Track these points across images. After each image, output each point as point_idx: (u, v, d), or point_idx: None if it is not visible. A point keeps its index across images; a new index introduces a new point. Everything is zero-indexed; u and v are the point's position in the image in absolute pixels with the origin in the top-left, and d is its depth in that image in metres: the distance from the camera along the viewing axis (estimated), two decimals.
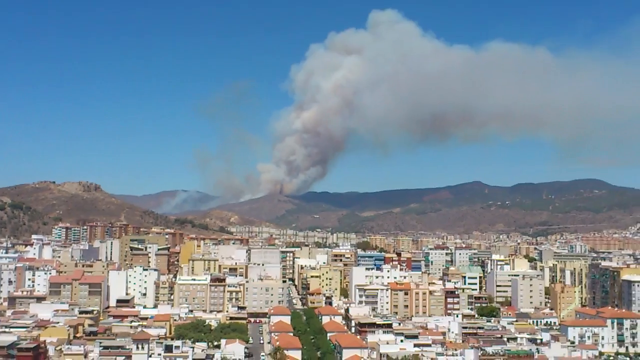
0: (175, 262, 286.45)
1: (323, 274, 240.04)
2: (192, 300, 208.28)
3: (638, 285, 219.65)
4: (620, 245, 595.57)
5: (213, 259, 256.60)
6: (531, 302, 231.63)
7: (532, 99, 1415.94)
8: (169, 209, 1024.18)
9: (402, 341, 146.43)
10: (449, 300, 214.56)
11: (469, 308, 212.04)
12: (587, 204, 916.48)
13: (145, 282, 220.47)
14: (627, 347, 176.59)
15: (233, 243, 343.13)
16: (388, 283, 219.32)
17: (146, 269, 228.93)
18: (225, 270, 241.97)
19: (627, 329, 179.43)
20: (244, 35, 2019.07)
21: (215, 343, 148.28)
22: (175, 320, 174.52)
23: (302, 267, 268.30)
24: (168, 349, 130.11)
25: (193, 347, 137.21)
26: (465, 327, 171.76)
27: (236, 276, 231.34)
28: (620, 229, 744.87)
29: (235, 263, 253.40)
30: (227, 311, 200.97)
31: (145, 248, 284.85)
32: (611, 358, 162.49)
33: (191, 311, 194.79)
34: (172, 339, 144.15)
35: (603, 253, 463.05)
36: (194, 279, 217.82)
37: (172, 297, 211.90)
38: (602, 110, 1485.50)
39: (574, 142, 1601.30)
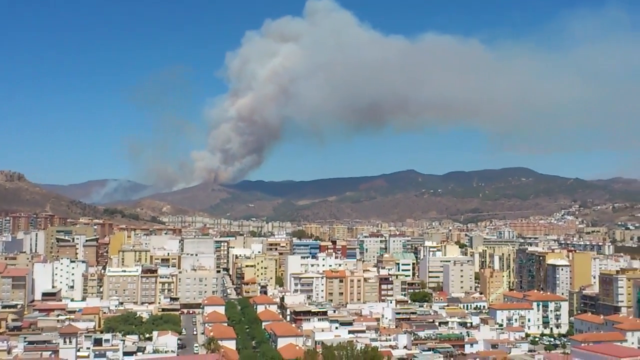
0: (105, 254, 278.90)
1: (258, 263, 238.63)
2: (123, 292, 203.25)
3: (562, 269, 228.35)
4: (545, 231, 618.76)
5: (144, 250, 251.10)
6: (462, 287, 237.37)
7: (465, 90, 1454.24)
8: (98, 199, 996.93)
9: (337, 328, 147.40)
10: (383, 286, 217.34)
11: (402, 294, 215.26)
12: (515, 192, 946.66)
13: (73, 274, 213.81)
14: (551, 329, 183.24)
15: (165, 233, 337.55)
16: (323, 271, 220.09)
17: (73, 261, 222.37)
18: (157, 261, 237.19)
19: (551, 311, 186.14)
20: (176, 21, 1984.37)
21: (147, 335, 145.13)
22: (104, 313, 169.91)
23: (236, 257, 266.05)
24: (97, 342, 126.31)
25: (124, 340, 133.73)
26: (399, 313, 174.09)
27: (168, 267, 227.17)
28: (546, 215, 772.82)
29: (168, 254, 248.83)
30: (159, 303, 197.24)
31: (73, 239, 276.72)
32: (537, 339, 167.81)
33: (121, 303, 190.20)
34: (101, 332, 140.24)
35: (530, 239, 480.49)
36: (124, 271, 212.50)
37: (101, 290, 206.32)
38: (532, 101, 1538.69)
39: (504, 132, 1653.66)
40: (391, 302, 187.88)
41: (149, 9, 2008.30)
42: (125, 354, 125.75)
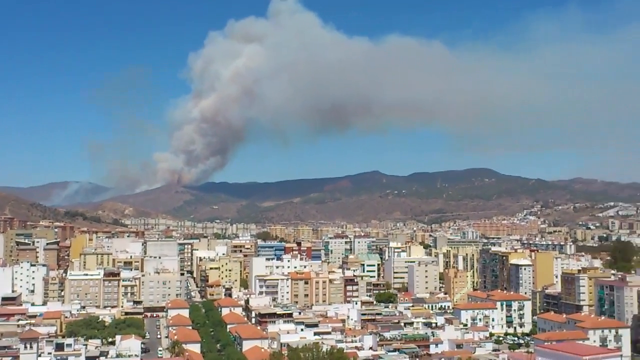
0: (66, 257, 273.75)
1: (222, 266, 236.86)
2: (85, 296, 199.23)
3: (525, 269, 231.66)
4: (508, 231, 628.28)
5: (106, 253, 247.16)
6: (426, 288, 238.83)
7: (428, 91, 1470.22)
8: (58, 201, 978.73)
9: (302, 330, 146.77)
10: (349, 288, 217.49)
11: (367, 295, 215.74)
12: (478, 192, 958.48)
13: (33, 278, 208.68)
14: (515, 328, 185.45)
15: (128, 236, 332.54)
16: (288, 273, 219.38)
17: (34, 265, 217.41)
18: (119, 264, 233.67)
19: (514, 310, 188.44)
20: (139, 21, 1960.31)
21: (110, 339, 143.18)
22: (66, 317, 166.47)
23: (200, 259, 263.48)
24: (59, 347, 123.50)
25: (86, 345, 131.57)
26: (364, 314, 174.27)
27: (131, 270, 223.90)
28: (509, 215, 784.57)
29: (130, 256, 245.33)
30: (122, 306, 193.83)
31: (33, 243, 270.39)
32: (501, 338, 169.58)
33: (83, 307, 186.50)
34: (63, 337, 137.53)
35: (493, 239, 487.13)
36: (86, 274, 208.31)
37: (62, 294, 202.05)
38: (494, 102, 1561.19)
39: (467, 133, 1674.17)
40: (356, 303, 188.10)
41: (110, 8, 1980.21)
42: (88, 358, 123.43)
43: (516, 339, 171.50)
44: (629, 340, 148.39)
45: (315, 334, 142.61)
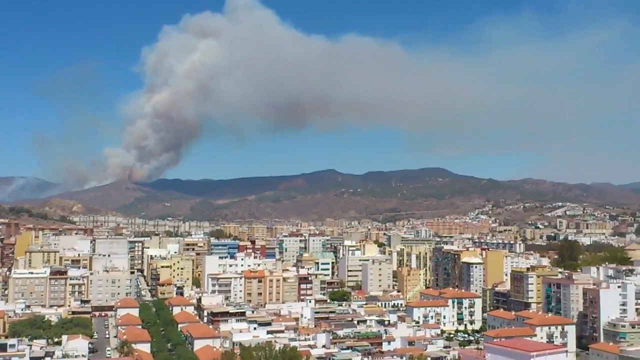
0: (10, 255, 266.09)
1: (174, 264, 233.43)
2: (30, 294, 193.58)
3: (476, 267, 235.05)
4: (460, 230, 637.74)
5: (53, 251, 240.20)
6: (380, 286, 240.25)
7: (384, 91, 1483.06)
8: (3, 197, 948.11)
9: (255, 329, 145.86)
10: (302, 286, 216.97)
11: (321, 293, 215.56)
12: (432, 191, 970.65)
13: None
14: (465, 325, 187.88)
15: (76, 233, 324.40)
16: (242, 271, 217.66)
17: None
18: (67, 262, 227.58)
19: (465, 307, 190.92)
20: (91, 13, 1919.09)
21: (56, 339, 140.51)
22: (10, 317, 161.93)
23: (151, 258, 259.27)
24: (1, 348, 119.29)
25: (30, 345, 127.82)
26: (318, 312, 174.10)
27: (79, 268, 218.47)
28: (461, 214, 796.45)
29: (79, 254, 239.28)
30: (69, 305, 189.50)
31: None
32: (452, 335, 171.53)
33: (28, 307, 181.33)
34: (6, 337, 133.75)
35: (445, 237, 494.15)
36: (32, 272, 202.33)
37: (6, 292, 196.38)
38: (448, 103, 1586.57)
39: (422, 132, 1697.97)
40: (310, 302, 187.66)
41: (61, 1, 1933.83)
42: (33, 359, 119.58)
43: (467, 335, 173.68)
44: (574, 337, 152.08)
45: (268, 332, 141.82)
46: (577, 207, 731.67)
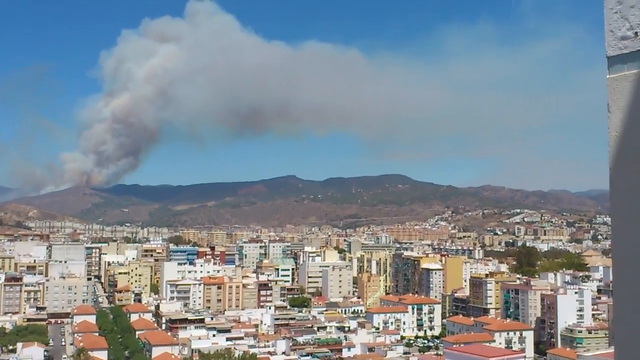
0: None
1: (132, 270, 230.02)
2: None
3: (435, 273, 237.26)
4: (420, 236, 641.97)
5: (8, 257, 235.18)
6: (340, 292, 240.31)
7: (344, 97, 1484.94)
8: None
9: (214, 336, 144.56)
10: (262, 292, 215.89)
11: (281, 299, 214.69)
12: (392, 198, 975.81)
13: None
14: (425, 331, 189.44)
15: (31, 239, 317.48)
16: (201, 278, 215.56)
17: None
18: (22, 268, 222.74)
19: (425, 313, 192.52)
20: (46, 16, 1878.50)
21: (11, 347, 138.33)
22: None
23: (109, 264, 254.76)
24: None
25: None
26: (278, 319, 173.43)
27: (35, 274, 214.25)
28: (421, 221, 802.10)
29: (34, 260, 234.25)
30: (24, 312, 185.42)
31: None
32: (411, 341, 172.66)
33: None
34: None
35: (405, 244, 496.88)
36: None
37: None
38: (407, 109, 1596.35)
39: (382, 139, 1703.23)
40: (270, 308, 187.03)
41: (14, 2, 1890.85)
42: None
43: (426, 341, 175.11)
44: (532, 342, 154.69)
45: (227, 339, 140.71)
46: (535, 213, 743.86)
